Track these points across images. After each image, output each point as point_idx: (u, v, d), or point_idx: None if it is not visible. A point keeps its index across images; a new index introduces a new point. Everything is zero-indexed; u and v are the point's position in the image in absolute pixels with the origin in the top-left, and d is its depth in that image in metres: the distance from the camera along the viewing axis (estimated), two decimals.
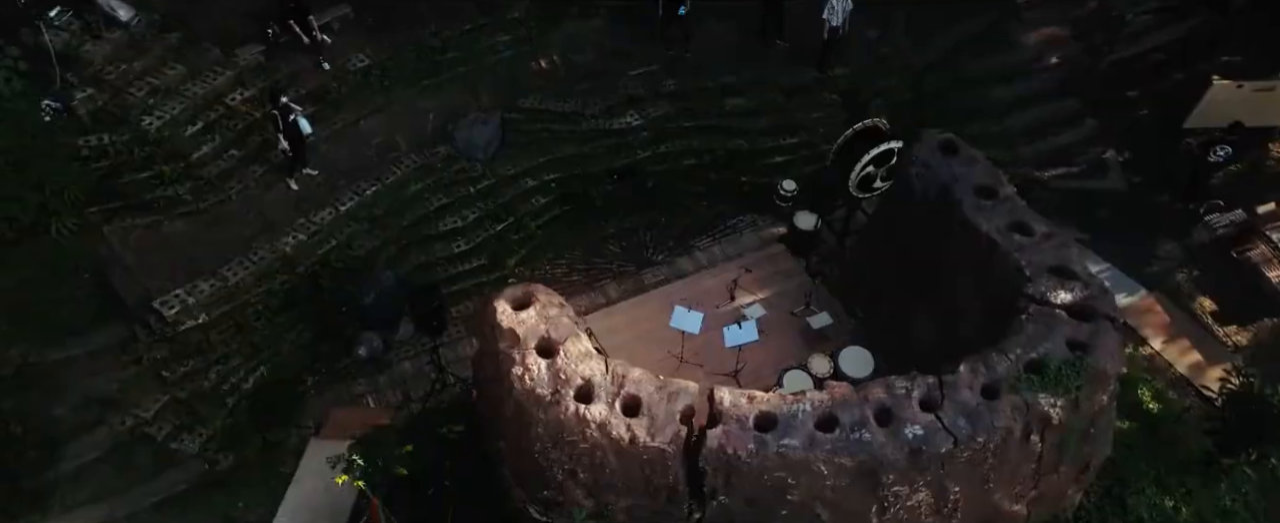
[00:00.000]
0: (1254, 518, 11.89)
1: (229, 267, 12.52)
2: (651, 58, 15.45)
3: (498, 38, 15.35)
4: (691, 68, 15.34)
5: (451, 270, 13.89)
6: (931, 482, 8.77)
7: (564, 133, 14.69)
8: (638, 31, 15.66)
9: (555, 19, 15.81)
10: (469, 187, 14.13)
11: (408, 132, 14.50)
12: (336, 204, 13.36)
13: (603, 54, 15.62)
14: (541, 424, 8.92)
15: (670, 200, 15.05)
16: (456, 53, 15.10)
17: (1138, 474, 11.02)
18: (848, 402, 8.72)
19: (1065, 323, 9.18)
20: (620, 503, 9.28)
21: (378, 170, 13.86)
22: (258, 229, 13.08)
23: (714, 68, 15.33)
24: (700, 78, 15.19)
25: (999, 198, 10.44)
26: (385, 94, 14.72)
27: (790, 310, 13.13)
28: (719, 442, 8.58)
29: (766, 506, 8.91)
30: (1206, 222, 15.08)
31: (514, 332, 9.16)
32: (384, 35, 14.98)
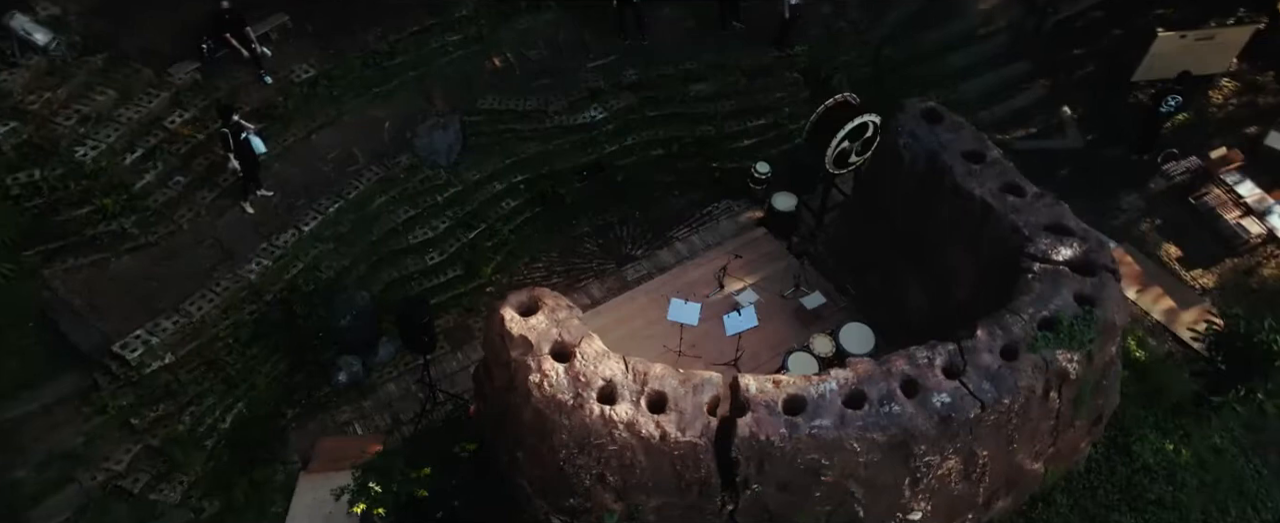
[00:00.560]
0: (1242, 453, 12.66)
1: (191, 301, 12.06)
2: (608, 49, 15.45)
3: (447, 38, 15.12)
4: (650, 56, 15.41)
5: (426, 284, 13.67)
6: (961, 448, 9.07)
7: (527, 132, 14.59)
8: (591, 22, 15.64)
9: (505, 15, 15.65)
10: (435, 195, 13.91)
11: (364, 143, 14.18)
12: (298, 225, 12.98)
13: (557, 48, 15.55)
14: (565, 430, 8.90)
15: (642, 193, 15.11)
16: (405, 57, 14.81)
17: (1138, 422, 11.59)
18: (873, 377, 8.94)
19: (1069, 278, 9.60)
20: (650, 503, 9.33)
21: (337, 186, 13.52)
22: (216, 258, 12.62)
23: (673, 54, 15.43)
24: (660, 65, 15.27)
25: (987, 161, 10.83)
26: (335, 105, 14.36)
27: (780, 293, 13.35)
28: (750, 429, 8.70)
29: (800, 489, 9.08)
30: (1163, 171, 15.93)
31: (525, 338, 9.11)
32: (327, 43, 14.59)
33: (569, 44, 15.59)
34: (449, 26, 15.16)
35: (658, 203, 15.14)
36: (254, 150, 12.56)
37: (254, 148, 12.53)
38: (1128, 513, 10.94)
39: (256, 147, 12.54)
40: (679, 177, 15.27)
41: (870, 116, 13.49)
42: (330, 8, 14.82)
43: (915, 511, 9.44)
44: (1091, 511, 10.88)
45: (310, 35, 14.66)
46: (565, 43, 15.61)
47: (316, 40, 14.60)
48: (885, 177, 11.79)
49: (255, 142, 12.51)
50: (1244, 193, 15.50)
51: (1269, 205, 15.38)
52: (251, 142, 12.45)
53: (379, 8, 15.02)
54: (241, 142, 12.33)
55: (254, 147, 12.52)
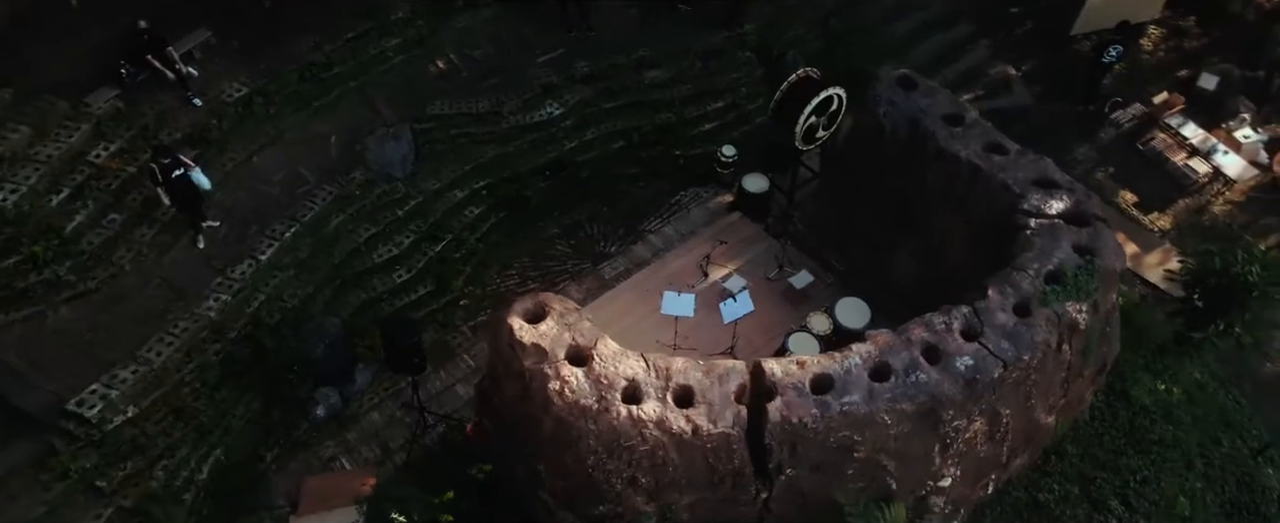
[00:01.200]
0: (1221, 386, 13.49)
1: (148, 347, 11.53)
2: (555, 42, 15.39)
3: (385, 43, 14.81)
4: (599, 46, 15.40)
5: (397, 303, 13.40)
6: (985, 410, 9.42)
7: (483, 135, 14.42)
8: (534, 17, 15.55)
9: (442, 15, 15.42)
10: (395, 210, 13.63)
11: (311, 161, 13.78)
12: (253, 254, 12.54)
13: (502, 45, 15.40)
14: (592, 436, 8.88)
15: (608, 188, 15.13)
16: (343, 66, 14.46)
17: (1130, 366, 12.22)
18: (894, 347, 9.20)
19: (1066, 231, 10.06)
20: (683, 501, 9.39)
21: (290, 209, 13.11)
22: (168, 299, 12.09)
23: (624, 42, 15.46)
24: (611, 55, 15.28)
25: (967, 123, 11.24)
26: (273, 123, 13.91)
27: (765, 276, 13.56)
28: (781, 413, 8.85)
29: (833, 469, 9.28)
30: (1112, 120, 16.79)
31: (538, 346, 9.05)
32: (257, 57, 14.11)
33: (514, 41, 15.46)
34: (386, 31, 14.86)
35: (625, 196, 15.17)
36: (200, 188, 11.94)
37: (199, 185, 11.92)
38: (1135, 456, 11.53)
39: (201, 183, 11.92)
40: (643, 167, 15.33)
41: (835, 90, 13.78)
42: (255, 20, 14.36)
43: (945, 477, 9.76)
44: (1101, 457, 11.44)
45: (237, 51, 14.17)
46: (509, 39, 15.48)
47: (245, 55, 14.12)
48: (864, 148, 12.10)
49: (199, 178, 11.89)
50: (1188, 135, 16.46)
51: (1212, 145, 16.38)
52: (195, 179, 11.84)
53: (308, 16, 14.61)
54: (178, 179, 11.70)
55: (199, 184, 11.91)
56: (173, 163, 11.66)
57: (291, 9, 14.53)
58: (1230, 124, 16.75)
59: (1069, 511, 10.99)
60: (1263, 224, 16.14)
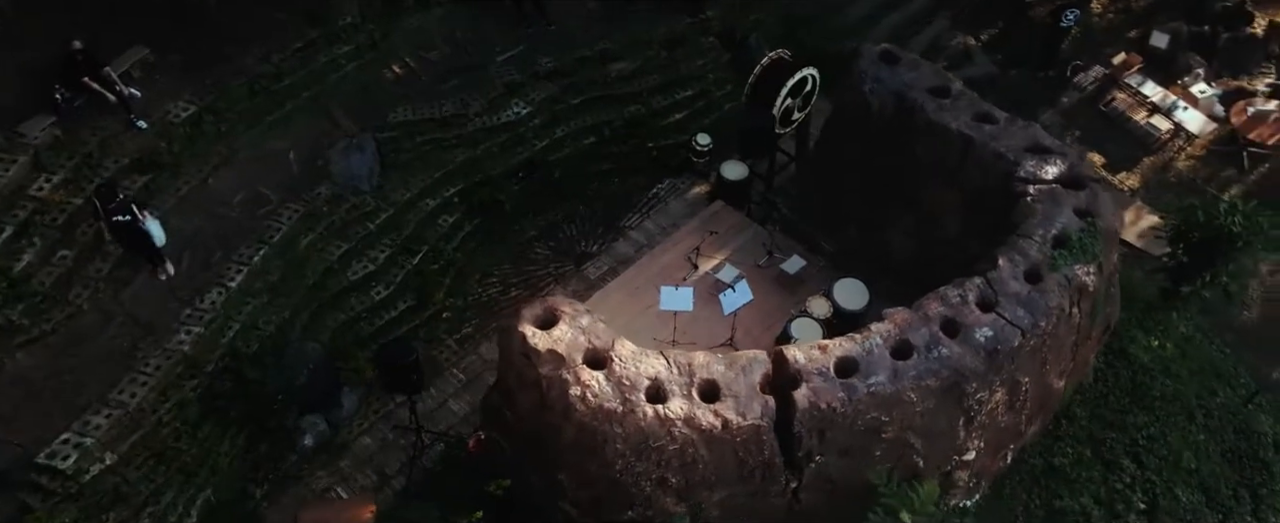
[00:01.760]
0: (1206, 338, 14.11)
1: (120, 389, 11.14)
2: (514, 38, 15.29)
3: (336, 50, 14.53)
4: (560, 41, 15.35)
5: (377, 322, 13.18)
6: (1006, 379, 9.71)
7: (450, 140, 14.26)
8: (488, 14, 15.43)
9: (392, 16, 15.21)
10: (366, 224, 13.41)
11: (270, 179, 13.46)
12: (221, 282, 12.20)
13: (459, 45, 15.25)
14: (619, 439, 8.89)
15: (582, 186, 15.12)
16: (294, 77, 14.14)
17: (1125, 324, 12.71)
18: (913, 324, 9.42)
19: (1065, 195, 10.42)
20: (713, 498, 9.47)
21: (255, 231, 12.78)
22: (135, 336, 11.69)
23: (584, 36, 15.44)
24: (574, 49, 15.24)
25: (953, 94, 11.55)
26: (226, 142, 13.55)
27: (755, 263, 13.68)
28: (809, 400, 8.99)
29: (861, 452, 9.46)
30: (1075, 83, 17.39)
31: (554, 352, 9.03)
32: (201, 73, 13.70)
33: (471, 39, 15.32)
34: (335, 37, 14.59)
35: (600, 193, 15.18)
36: (153, 239, 11.45)
37: (153, 237, 11.43)
38: (1140, 413, 12.01)
39: (156, 236, 11.44)
40: (616, 162, 15.35)
41: (809, 70, 14.05)
42: (195, 34, 13.94)
43: (969, 450, 10.03)
44: (1108, 417, 11.88)
45: (179, 67, 13.77)
46: (466, 39, 15.34)
47: (188, 72, 13.72)
48: (849, 127, 12.32)
49: (154, 229, 11.40)
50: (1148, 93, 17.15)
51: (1172, 101, 17.09)
52: (150, 231, 11.35)
53: (250, 27, 14.25)
54: (127, 226, 11.19)
55: (153, 236, 11.42)
56: (118, 206, 11.10)
57: (233, 20, 14.14)
58: (1186, 80, 17.49)
59: (1084, 473, 11.40)
60: (1224, 177, 16.92)
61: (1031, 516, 11.15)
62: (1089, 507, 11.18)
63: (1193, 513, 11.52)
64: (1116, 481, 11.45)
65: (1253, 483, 12.06)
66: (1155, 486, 11.48)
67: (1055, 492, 11.21)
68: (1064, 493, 11.17)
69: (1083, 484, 11.24)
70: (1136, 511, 11.34)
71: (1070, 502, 11.14)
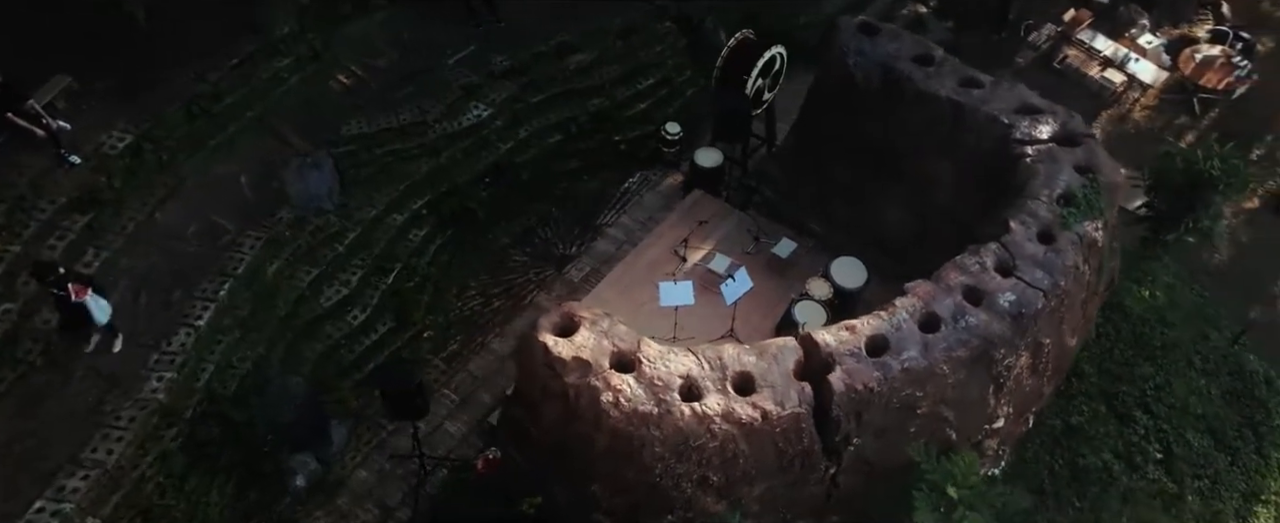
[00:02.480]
0: (1182, 281, 14.81)
1: (93, 447, 10.66)
2: (464, 38, 15.12)
3: (276, 64, 14.13)
4: (513, 36, 15.24)
5: (357, 348, 12.90)
6: (1030, 343, 10.04)
7: (412, 150, 14.02)
8: (434, 13, 15.21)
9: (331, 24, 14.87)
10: (334, 246, 13.09)
11: (224, 206, 13.02)
12: (187, 321, 11.76)
13: (407, 49, 15.00)
14: (657, 442, 8.90)
15: (552, 186, 15.05)
16: (235, 95, 13.70)
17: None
18: (936, 296, 9.66)
19: (1063, 153, 10.81)
20: (753, 492, 9.57)
21: (216, 264, 12.36)
22: (101, 389, 11.19)
23: (537, 29, 15.35)
24: (529, 44, 15.15)
25: (937, 61, 11.86)
26: (169, 171, 13.05)
27: (744, 250, 13.82)
28: (845, 382, 9.15)
29: (897, 430, 9.67)
30: (1029, 42, 18.03)
31: (579, 359, 8.99)
32: (133, 99, 13.16)
33: (418, 42, 15.09)
34: (274, 50, 14.21)
35: (571, 193, 15.14)
36: (94, 318, 10.67)
37: (94, 317, 10.65)
38: (1145, 363, 12.57)
39: (96, 316, 10.66)
40: (584, 159, 15.32)
41: (777, 49, 14.26)
42: (120, 57, 13.39)
43: (999, 417, 10.34)
44: (1115, 371, 12.40)
45: (108, 94, 13.23)
46: (413, 42, 15.09)
47: (118, 99, 13.19)
48: (832, 102, 12.53)
49: (95, 308, 10.61)
50: (1100, 47, 17.89)
51: (1123, 54, 17.86)
52: (90, 310, 10.58)
53: (181, 45, 13.75)
54: (63, 299, 10.43)
55: (94, 316, 10.64)
56: (55, 281, 10.41)
57: (162, 39, 13.62)
58: (1133, 31, 18.30)
59: (1101, 428, 11.88)
60: (1179, 124, 17.79)
61: (1057, 476, 11.57)
62: (1110, 462, 11.66)
63: (1204, 456, 12.12)
64: (1131, 433, 11.97)
65: (1253, 421, 12.74)
66: (1167, 434, 12.04)
67: (1077, 451, 11.66)
68: (1085, 451, 11.63)
69: (1102, 440, 11.72)
70: (1154, 460, 11.87)
71: (1093, 458, 11.60)
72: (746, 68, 13.95)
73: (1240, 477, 12.12)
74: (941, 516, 9.04)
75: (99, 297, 10.75)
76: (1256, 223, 16.44)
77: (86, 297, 10.60)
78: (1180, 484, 11.84)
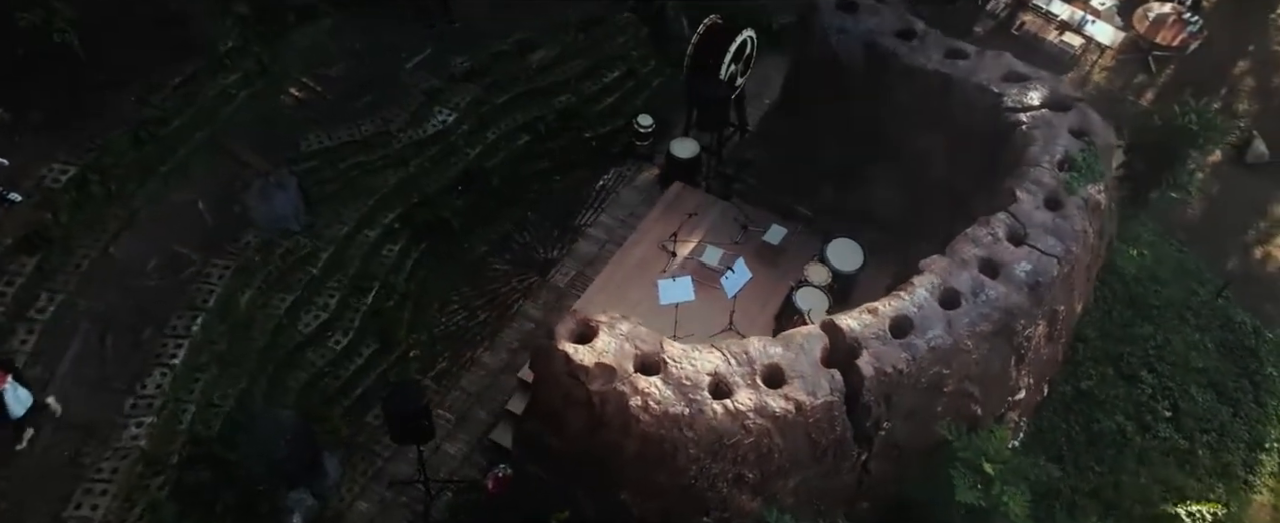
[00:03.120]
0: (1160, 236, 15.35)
1: (76, 504, 10.28)
2: (418, 40, 14.91)
3: (223, 80, 13.73)
4: (470, 36, 15.07)
5: (342, 373, 12.65)
6: (1046, 311, 10.31)
7: (377, 162, 13.78)
8: (384, 16, 14.97)
9: (276, 35, 14.51)
10: (307, 269, 12.80)
11: (185, 236, 12.62)
12: (161, 361, 11.40)
13: (360, 57, 14.72)
14: (691, 443, 8.92)
15: (526, 189, 14.94)
16: (182, 117, 13.27)
17: None
18: (952, 271, 9.86)
19: (1057, 118, 11.12)
20: (788, 486, 9.65)
21: (183, 297, 11.98)
22: (75, 441, 10.77)
23: (494, 27, 15.21)
24: (487, 43, 15.00)
25: (920, 34, 12.09)
26: (121, 203, 12.60)
27: (732, 241, 13.91)
28: (874, 366, 9.29)
29: (925, 411, 9.85)
30: (986, 10, 18.47)
31: (603, 365, 8.96)
32: (73, 128, 12.64)
33: (371, 48, 14.83)
34: (219, 66, 13.82)
35: (546, 195, 15.07)
36: (8, 412, 9.88)
37: (9, 409, 9.87)
38: (1144, 322, 13.02)
39: (12, 410, 9.89)
40: (555, 159, 15.25)
41: (747, 33, 14.38)
42: (54, 84, 12.90)
43: (1021, 389, 10.60)
44: (1116, 333, 12.81)
45: (44, 125, 12.72)
46: (366, 48, 14.82)
47: (56, 129, 12.69)
48: (815, 83, 12.68)
49: (12, 401, 9.84)
50: (1057, 11, 18.41)
51: (1080, 17, 18.42)
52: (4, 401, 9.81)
53: (116, 68, 13.29)
54: None
55: (8, 408, 9.87)
56: None
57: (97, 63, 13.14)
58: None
59: (1111, 391, 12.27)
60: (1138, 83, 18.43)
61: (1073, 442, 11.92)
62: (1123, 423, 12.06)
63: (1209, 410, 12.61)
64: (1139, 393, 12.39)
65: (1249, 371, 13.29)
66: (1173, 391, 12.50)
67: (1091, 415, 12.03)
68: (1099, 415, 12.00)
69: (1113, 403, 12.11)
70: (1163, 419, 12.32)
71: (1107, 422, 11.98)
72: (718, 54, 14.03)
73: (1244, 427, 12.64)
74: (980, 493, 9.23)
75: (19, 387, 9.99)
76: (1221, 175, 17.11)
77: (4, 386, 9.79)
78: (1190, 440, 12.30)
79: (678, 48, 16.39)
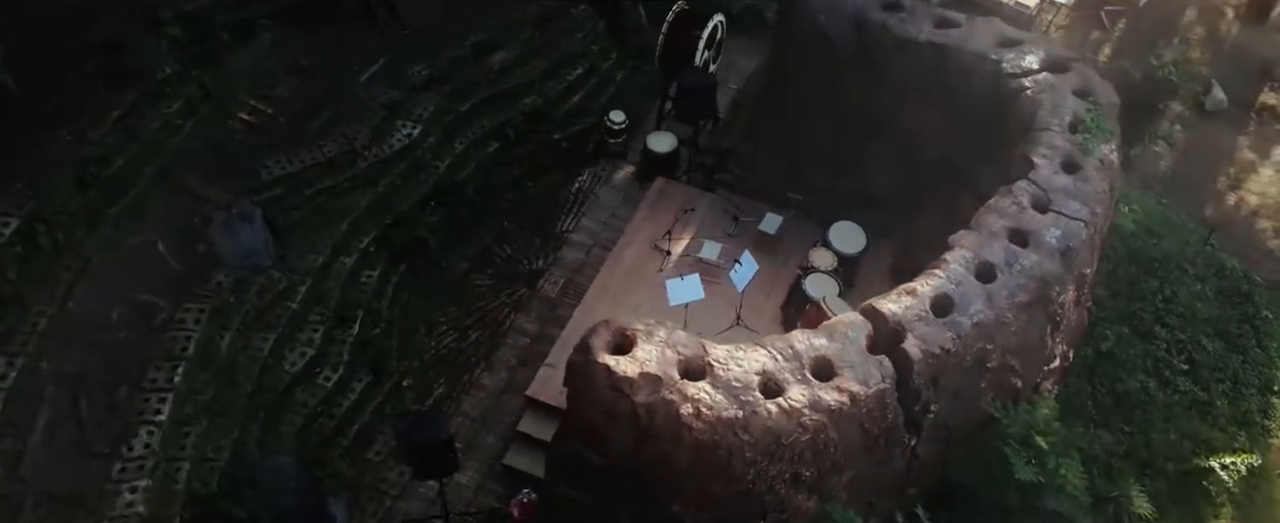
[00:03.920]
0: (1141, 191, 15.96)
1: None
2: (368, 51, 14.60)
3: (165, 109, 13.20)
4: (424, 42, 14.81)
5: (336, 411, 12.34)
6: (1075, 276, 10.63)
7: (344, 184, 13.45)
8: (324, 30, 14.63)
9: (215, 57, 14.06)
10: (286, 304, 12.43)
11: (147, 282, 12.11)
12: (145, 419, 10.96)
13: (308, 73, 14.33)
14: (748, 447, 8.96)
15: (500, 199, 14.79)
16: (127, 153, 12.70)
17: None
18: (984, 244, 10.08)
19: (1058, 80, 11.45)
20: (842, 481, 9.77)
21: (158, 347, 11.53)
22: (62, 516, 10.29)
23: (448, 30, 14.98)
24: (443, 49, 14.77)
25: (907, 7, 12.32)
26: (71, 252, 12.03)
27: (726, 232, 13.98)
28: (921, 349, 9.46)
29: (970, 388, 10.07)
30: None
31: (647, 375, 8.95)
32: (8, 176, 12.07)
33: (320, 63, 14.47)
34: (158, 95, 13.31)
35: (521, 203, 14.94)
36: None
37: None
38: (1149, 278, 13.51)
39: None
40: (527, 165, 15.12)
41: (717, 18, 14.50)
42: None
43: (1055, 357, 10.90)
44: (1125, 291, 13.26)
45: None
46: (315, 64, 14.46)
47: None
48: (803, 64, 12.82)
49: None
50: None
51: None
52: None
53: (46, 105, 12.70)
54: None
55: None
56: None
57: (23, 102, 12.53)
58: None
59: (1129, 350, 12.71)
60: (1094, 40, 19.09)
61: (1100, 405, 12.32)
62: (1145, 381, 12.51)
63: (1220, 359, 13.17)
64: (1155, 349, 12.87)
65: (1248, 316, 13.92)
66: (1186, 344, 13.02)
67: (1115, 376, 12.44)
68: (1121, 375, 12.42)
69: (1134, 362, 12.55)
70: (1180, 372, 12.82)
71: (1130, 381, 12.41)
72: (690, 41, 14.12)
73: (1254, 373, 13.24)
74: (1036, 468, 9.46)
75: None
76: (1184, 125, 17.84)
77: None
78: (1208, 391, 12.82)
79: (637, 39, 16.49)
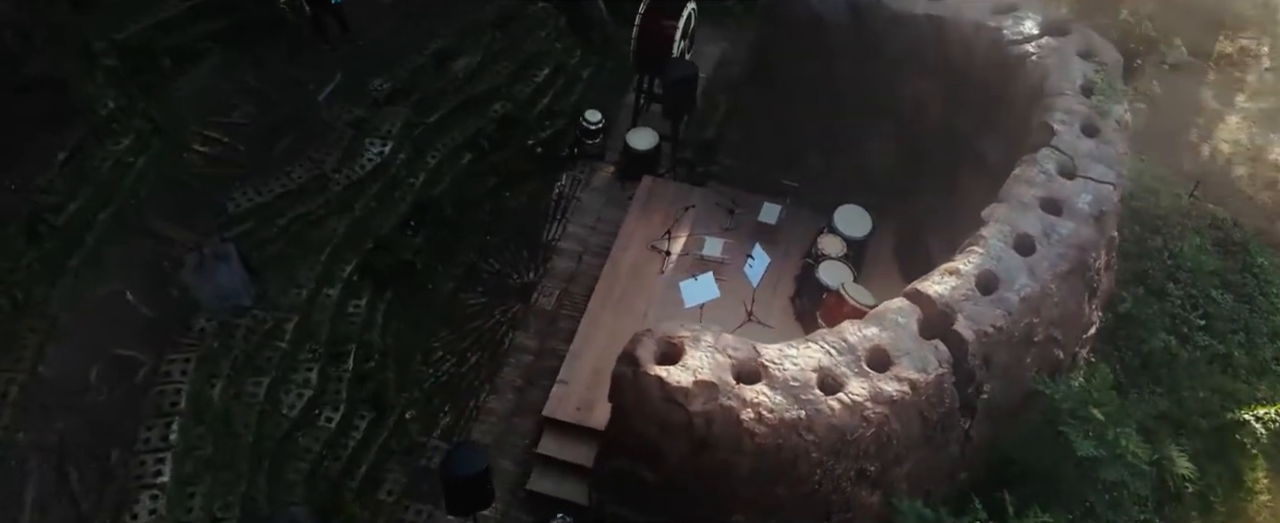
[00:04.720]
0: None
1: None
2: (323, 67, 14.29)
3: (112, 147, 12.76)
4: (381, 53, 14.56)
5: (342, 452, 12.06)
6: (1107, 240, 10.92)
7: (318, 211, 13.12)
8: (271, 49, 14.28)
9: (158, 87, 13.61)
10: (275, 345, 12.08)
11: (122, 335, 11.68)
12: (144, 482, 10.57)
13: (261, 96, 13.99)
14: (813, 447, 8.99)
15: (480, 212, 14.61)
16: (80, 198, 12.27)
17: None
18: (1017, 217, 10.27)
19: (1061, 43, 11.73)
20: (903, 472, 9.87)
21: (146, 404, 11.13)
22: None
23: (401, 40, 14.77)
24: (403, 58, 14.54)
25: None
26: (33, 312, 11.56)
27: (723, 227, 14.01)
28: (973, 329, 9.60)
29: (1017, 365, 10.26)
30: None
31: (702, 383, 8.93)
32: None
33: (273, 84, 14.15)
34: (104, 132, 12.88)
35: (500, 214, 14.78)
36: None
37: None
38: (1154, 235, 13.94)
39: None
40: (503, 175, 14.97)
41: (691, 6, 14.55)
42: None
43: (1093, 324, 11.19)
44: (1133, 250, 13.65)
45: None
46: (267, 86, 14.14)
47: None
48: (796, 48, 12.90)
49: None
50: None
51: None
52: None
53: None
54: None
55: None
56: None
57: None
58: None
59: (1146, 310, 13.10)
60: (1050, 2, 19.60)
61: (1128, 367, 12.67)
62: (1166, 340, 12.91)
63: (1231, 311, 13.67)
64: (1171, 306, 13.30)
65: (1247, 265, 14.47)
66: (1197, 298, 13.48)
67: (1139, 337, 12.81)
68: (1145, 336, 12.80)
69: (1154, 321, 12.94)
70: (1197, 328, 13.27)
71: (1153, 341, 12.79)
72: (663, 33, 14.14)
73: (1263, 322, 13.78)
74: (1095, 442, 9.67)
75: None
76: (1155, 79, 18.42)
77: None
78: (1225, 344, 13.30)
79: (600, 34, 16.43)
